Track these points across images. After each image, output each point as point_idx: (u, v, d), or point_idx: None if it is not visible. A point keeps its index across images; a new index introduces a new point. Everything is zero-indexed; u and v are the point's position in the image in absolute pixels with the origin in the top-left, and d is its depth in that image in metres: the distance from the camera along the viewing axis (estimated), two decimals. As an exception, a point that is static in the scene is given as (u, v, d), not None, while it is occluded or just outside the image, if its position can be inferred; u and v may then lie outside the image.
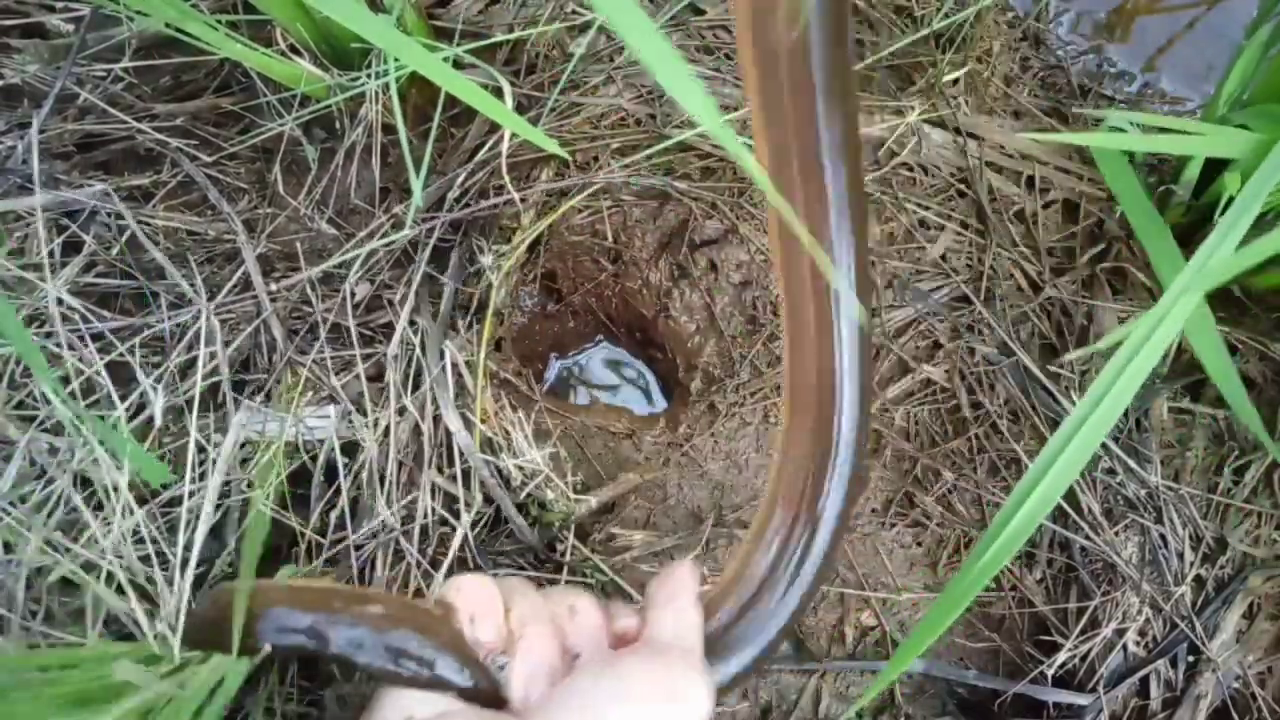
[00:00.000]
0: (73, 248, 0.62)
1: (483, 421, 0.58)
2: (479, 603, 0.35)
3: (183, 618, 0.48)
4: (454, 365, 0.58)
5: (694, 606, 0.38)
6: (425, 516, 0.56)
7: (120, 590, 0.50)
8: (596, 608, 0.37)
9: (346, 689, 0.52)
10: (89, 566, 0.51)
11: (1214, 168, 0.62)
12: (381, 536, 0.55)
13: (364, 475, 0.57)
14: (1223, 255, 0.31)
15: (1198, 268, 0.30)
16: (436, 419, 0.58)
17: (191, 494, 0.52)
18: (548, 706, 0.33)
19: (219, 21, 0.59)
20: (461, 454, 0.57)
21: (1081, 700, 0.57)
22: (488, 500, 0.57)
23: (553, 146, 0.38)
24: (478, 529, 0.57)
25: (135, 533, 0.51)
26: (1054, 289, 0.66)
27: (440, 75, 0.31)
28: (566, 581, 0.58)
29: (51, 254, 0.62)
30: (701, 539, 0.60)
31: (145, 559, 0.50)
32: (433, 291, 0.62)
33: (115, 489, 0.51)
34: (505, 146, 0.60)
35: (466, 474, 0.57)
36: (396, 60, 0.55)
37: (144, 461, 0.47)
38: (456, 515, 0.57)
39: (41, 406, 0.55)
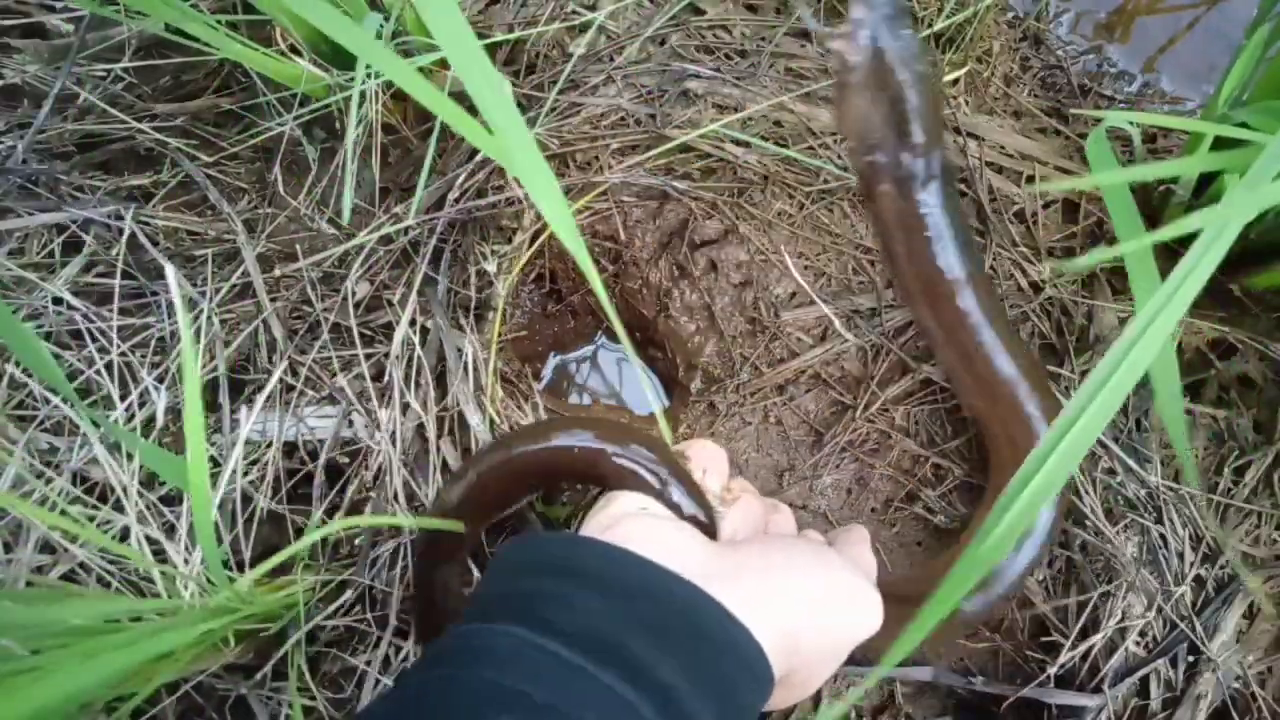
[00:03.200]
0: (73, 247, 0.62)
1: (489, 421, 0.58)
2: (714, 461, 0.44)
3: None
4: (470, 362, 0.58)
5: (872, 556, 0.46)
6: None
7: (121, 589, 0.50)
8: (793, 517, 0.46)
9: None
10: (87, 567, 0.51)
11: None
12: (395, 535, 0.55)
13: (366, 474, 0.57)
14: (1200, 274, 0.29)
15: (1170, 291, 0.28)
16: (440, 419, 0.58)
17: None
18: (755, 542, 0.40)
19: (219, 22, 0.59)
20: (478, 445, 0.57)
21: (1086, 702, 0.57)
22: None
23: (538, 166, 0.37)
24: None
25: (140, 526, 0.51)
26: (1054, 289, 0.66)
27: (410, 84, 0.31)
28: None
29: (51, 254, 0.62)
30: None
31: (156, 553, 0.50)
32: (433, 291, 0.62)
33: (124, 489, 0.51)
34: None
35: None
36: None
37: (162, 461, 0.47)
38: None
39: (41, 406, 0.55)
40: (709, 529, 0.41)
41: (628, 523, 0.37)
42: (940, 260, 0.48)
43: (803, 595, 0.36)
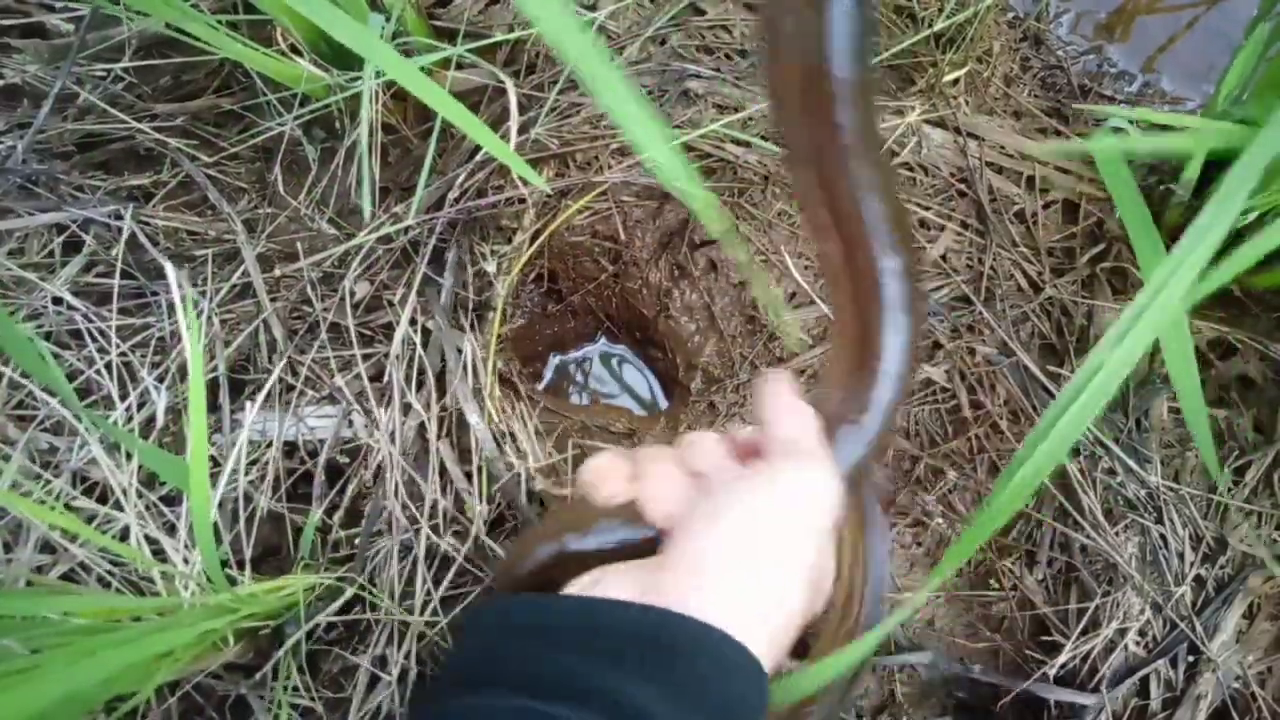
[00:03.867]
0: (73, 247, 0.62)
1: (489, 420, 0.58)
2: (597, 471, 0.39)
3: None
4: (468, 362, 0.58)
5: (805, 409, 0.39)
6: (437, 515, 0.56)
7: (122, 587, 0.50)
8: (712, 434, 0.40)
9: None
10: (87, 566, 0.51)
11: (1214, 166, 0.62)
12: (393, 535, 0.55)
13: (366, 473, 0.57)
14: (1209, 243, 0.30)
15: (1178, 260, 0.29)
16: (441, 419, 0.58)
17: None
18: (693, 515, 0.36)
19: (219, 22, 0.59)
20: (477, 445, 0.57)
21: (1084, 700, 0.57)
22: (490, 497, 0.57)
23: (530, 173, 0.37)
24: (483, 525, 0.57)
25: (139, 525, 0.51)
26: (1054, 289, 0.66)
27: (415, 85, 0.31)
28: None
29: (51, 254, 0.62)
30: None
31: (156, 553, 0.50)
32: (434, 291, 0.62)
33: (124, 490, 0.51)
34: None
35: (476, 470, 0.57)
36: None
37: (162, 462, 0.47)
38: (463, 511, 0.57)
39: (41, 406, 0.55)
40: (646, 539, 0.37)
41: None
42: (832, 62, 0.35)
43: (754, 547, 0.34)
